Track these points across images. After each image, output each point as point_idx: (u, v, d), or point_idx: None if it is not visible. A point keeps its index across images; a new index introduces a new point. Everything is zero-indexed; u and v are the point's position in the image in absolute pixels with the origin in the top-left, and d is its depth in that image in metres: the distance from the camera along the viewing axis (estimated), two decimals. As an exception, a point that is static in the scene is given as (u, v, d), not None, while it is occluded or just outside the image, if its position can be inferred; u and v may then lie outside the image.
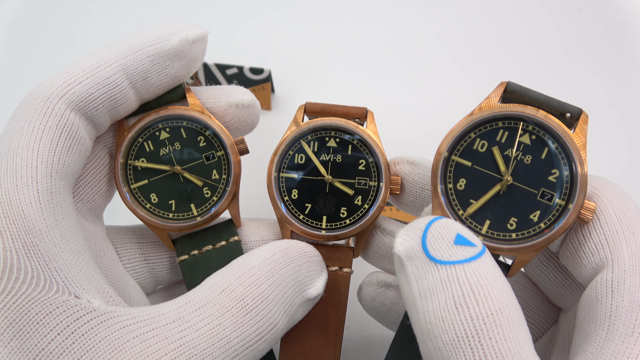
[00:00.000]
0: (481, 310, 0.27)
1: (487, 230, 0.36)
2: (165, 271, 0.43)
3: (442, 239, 0.30)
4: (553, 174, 0.36)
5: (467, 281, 0.28)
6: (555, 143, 0.36)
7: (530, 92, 0.37)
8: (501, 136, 0.37)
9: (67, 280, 0.31)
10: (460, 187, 0.37)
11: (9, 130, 0.34)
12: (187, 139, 0.41)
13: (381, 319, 0.45)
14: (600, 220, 0.34)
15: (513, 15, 0.71)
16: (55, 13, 0.74)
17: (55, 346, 0.28)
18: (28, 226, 0.31)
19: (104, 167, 0.40)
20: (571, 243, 0.35)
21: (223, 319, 0.32)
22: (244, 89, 0.42)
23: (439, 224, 0.31)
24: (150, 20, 0.73)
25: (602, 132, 0.64)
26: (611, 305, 0.30)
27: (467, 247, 0.30)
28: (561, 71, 0.68)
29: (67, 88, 0.35)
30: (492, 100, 0.37)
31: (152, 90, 0.38)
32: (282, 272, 0.35)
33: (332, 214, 0.41)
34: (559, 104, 0.36)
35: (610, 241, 0.33)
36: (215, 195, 0.41)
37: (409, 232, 0.31)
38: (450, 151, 0.37)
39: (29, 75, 0.71)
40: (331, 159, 0.41)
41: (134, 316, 0.31)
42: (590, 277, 0.34)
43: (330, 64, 0.70)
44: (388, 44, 0.71)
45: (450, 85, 0.68)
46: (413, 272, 0.30)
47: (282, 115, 0.67)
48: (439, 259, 0.29)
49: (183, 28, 0.38)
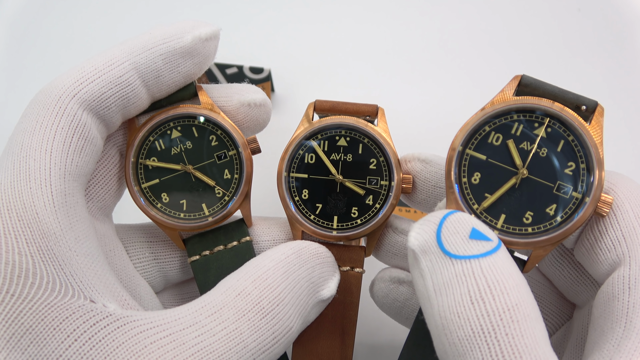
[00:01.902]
0: (497, 305, 0.27)
1: (502, 225, 0.36)
2: (175, 270, 0.43)
3: (458, 233, 0.30)
4: (569, 167, 0.35)
5: (483, 276, 0.28)
6: (571, 135, 0.35)
7: (544, 85, 0.36)
8: (516, 129, 0.36)
9: (83, 285, 0.31)
10: (474, 181, 0.37)
11: (20, 130, 0.33)
12: (199, 137, 0.40)
13: (394, 315, 0.45)
14: (617, 216, 0.34)
15: (514, 15, 0.72)
16: (55, 13, 0.74)
17: (73, 352, 0.28)
18: (43, 230, 0.30)
19: (114, 166, 0.39)
20: (587, 239, 0.35)
21: (240, 323, 0.31)
22: (255, 87, 0.42)
23: (454, 217, 0.30)
24: (150, 20, 0.73)
25: (603, 132, 0.64)
26: (628, 302, 0.30)
27: (483, 242, 0.29)
28: (562, 70, 0.68)
29: (79, 87, 0.34)
30: (507, 94, 0.37)
31: (164, 89, 0.38)
32: (296, 274, 0.35)
33: (343, 214, 0.41)
34: (574, 97, 0.36)
35: (627, 237, 0.33)
36: (227, 195, 0.41)
37: (423, 226, 0.31)
38: (464, 145, 0.37)
39: (29, 75, 0.70)
40: (342, 159, 0.41)
41: (151, 321, 0.30)
42: (606, 274, 0.34)
43: (330, 63, 0.70)
44: (389, 42, 0.71)
45: (452, 84, 0.68)
46: (427, 266, 0.30)
47: (282, 114, 0.67)
48: (454, 253, 0.29)
49: (195, 26, 0.37)
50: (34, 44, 0.72)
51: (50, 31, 0.73)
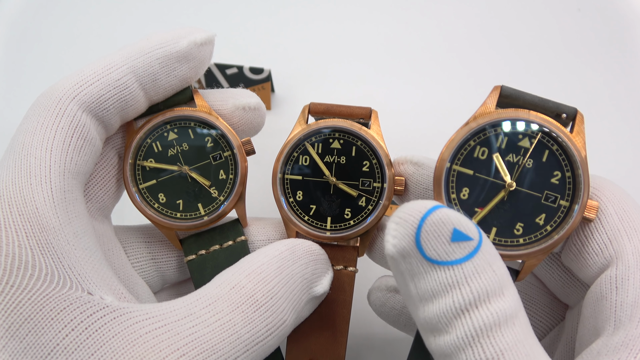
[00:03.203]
0: (481, 314, 0.28)
1: (494, 238, 0.36)
2: (172, 270, 0.43)
3: (438, 236, 0.28)
4: (555, 176, 0.36)
5: (467, 285, 0.28)
6: (555, 145, 0.36)
7: (524, 95, 0.37)
8: (501, 142, 0.37)
9: (81, 277, 0.32)
10: (463, 196, 0.37)
11: (22, 131, 0.34)
12: (195, 139, 0.41)
13: (392, 322, 0.45)
14: (601, 220, 0.34)
15: (513, 15, 0.72)
16: (55, 13, 0.74)
17: (69, 341, 0.29)
18: (42, 224, 0.31)
19: (113, 168, 0.41)
20: (574, 244, 0.36)
21: (234, 315, 0.32)
22: (250, 92, 0.43)
23: (433, 218, 0.28)
24: (150, 20, 0.73)
25: (603, 132, 0.64)
26: (616, 301, 0.31)
27: (465, 243, 0.29)
28: (562, 70, 0.68)
29: (79, 90, 0.35)
30: (489, 106, 0.37)
31: (161, 92, 0.39)
32: (289, 269, 0.36)
33: (336, 215, 0.42)
34: (554, 105, 0.36)
35: (613, 240, 0.34)
36: (222, 195, 0.42)
37: (400, 228, 0.29)
38: (451, 161, 0.37)
39: (29, 75, 0.71)
40: (335, 161, 0.42)
41: (146, 312, 0.31)
42: (595, 276, 0.34)
43: (330, 63, 0.70)
44: (389, 43, 0.71)
45: (451, 84, 0.68)
46: (409, 270, 0.29)
47: (282, 115, 0.67)
48: (436, 259, 0.28)
49: (191, 31, 0.39)
50: (34, 44, 0.73)
51: (50, 31, 0.73)
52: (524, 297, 0.41)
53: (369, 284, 0.47)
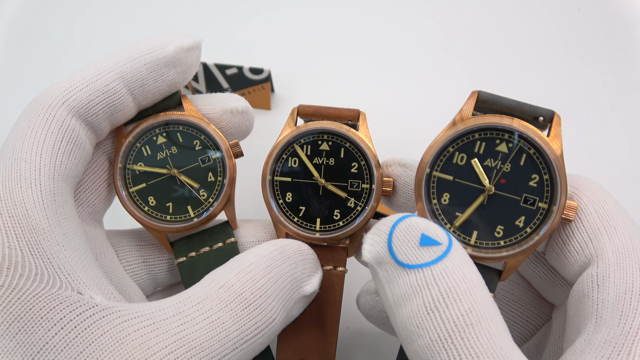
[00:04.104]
0: (451, 313, 0.28)
1: (475, 241, 0.37)
2: (163, 273, 0.44)
3: (408, 241, 0.30)
4: (533, 179, 0.36)
5: (435, 285, 0.29)
6: (532, 149, 0.36)
7: (501, 99, 0.37)
8: (479, 147, 0.37)
9: (70, 277, 0.32)
10: (444, 201, 0.38)
11: (12, 137, 0.35)
12: (184, 142, 0.42)
13: (381, 326, 0.45)
14: (581, 219, 0.35)
15: (513, 15, 0.72)
16: (55, 13, 0.75)
17: (58, 340, 0.29)
18: (32, 225, 0.32)
19: (104, 173, 0.41)
20: (556, 244, 0.36)
21: (222, 313, 0.32)
22: (238, 96, 0.44)
23: (402, 225, 0.31)
24: (150, 21, 0.74)
25: (602, 132, 0.64)
26: (597, 299, 0.32)
27: (433, 247, 0.30)
28: (561, 70, 0.69)
29: (68, 95, 0.36)
30: (466, 112, 0.38)
31: (150, 97, 0.40)
32: (279, 268, 0.36)
33: (325, 216, 0.42)
34: (531, 109, 0.37)
35: (593, 238, 0.34)
36: (211, 197, 0.42)
37: (375, 237, 0.32)
38: (431, 167, 0.38)
39: (29, 75, 0.71)
40: (324, 162, 0.42)
41: (135, 311, 0.32)
42: (577, 274, 0.35)
43: (330, 63, 0.70)
44: (388, 43, 0.71)
45: (451, 85, 0.68)
46: (385, 277, 0.31)
47: (282, 115, 0.66)
48: (407, 263, 0.30)
49: (178, 37, 0.40)
50: (34, 44, 0.73)
51: (50, 31, 0.74)
52: (511, 297, 0.42)
53: (359, 284, 0.47)
